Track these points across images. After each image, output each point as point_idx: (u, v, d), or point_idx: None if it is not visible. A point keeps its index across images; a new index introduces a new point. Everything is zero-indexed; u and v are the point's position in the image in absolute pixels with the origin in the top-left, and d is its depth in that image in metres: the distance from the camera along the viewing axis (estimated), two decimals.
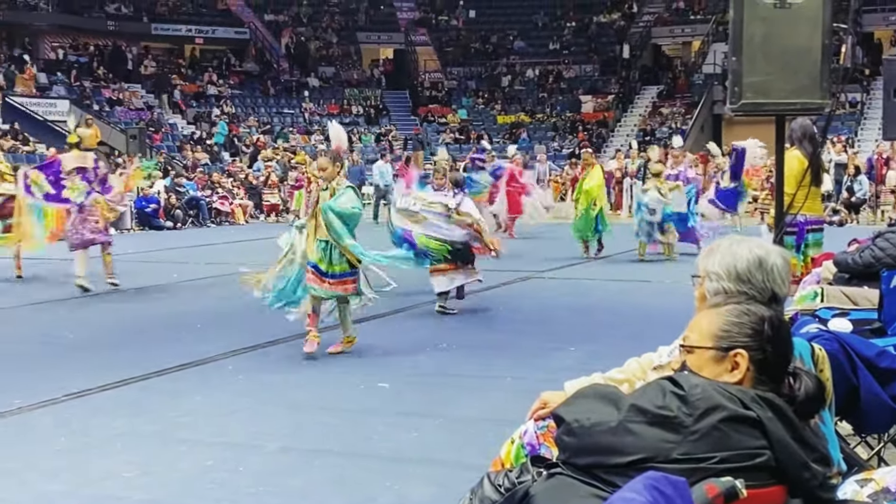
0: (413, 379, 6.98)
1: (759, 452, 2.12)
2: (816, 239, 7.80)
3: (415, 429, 5.70)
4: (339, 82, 38.84)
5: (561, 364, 7.21)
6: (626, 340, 7.70)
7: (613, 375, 3.11)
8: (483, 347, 8.14)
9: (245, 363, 7.58)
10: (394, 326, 9.28)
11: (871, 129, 29.87)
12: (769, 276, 2.68)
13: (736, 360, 2.32)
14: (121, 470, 4.96)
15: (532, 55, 39.70)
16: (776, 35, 4.38)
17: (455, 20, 42.45)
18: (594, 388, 2.45)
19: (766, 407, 2.18)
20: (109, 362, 7.51)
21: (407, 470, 4.98)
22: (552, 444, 2.81)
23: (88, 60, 34.59)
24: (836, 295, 5.74)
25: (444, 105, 38.21)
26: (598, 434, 2.21)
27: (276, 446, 5.37)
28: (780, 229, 4.97)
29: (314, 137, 33.82)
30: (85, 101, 31.46)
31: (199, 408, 6.24)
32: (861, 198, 22.39)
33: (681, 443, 2.11)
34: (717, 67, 34.28)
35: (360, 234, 7.97)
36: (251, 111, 35.80)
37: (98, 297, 11.39)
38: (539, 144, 33.26)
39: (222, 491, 4.66)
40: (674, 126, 33.64)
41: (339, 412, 6.11)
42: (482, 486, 2.57)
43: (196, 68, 37.29)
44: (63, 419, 5.99)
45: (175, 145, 30.92)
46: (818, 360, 2.86)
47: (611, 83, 37.35)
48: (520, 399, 5.57)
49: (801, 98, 4.44)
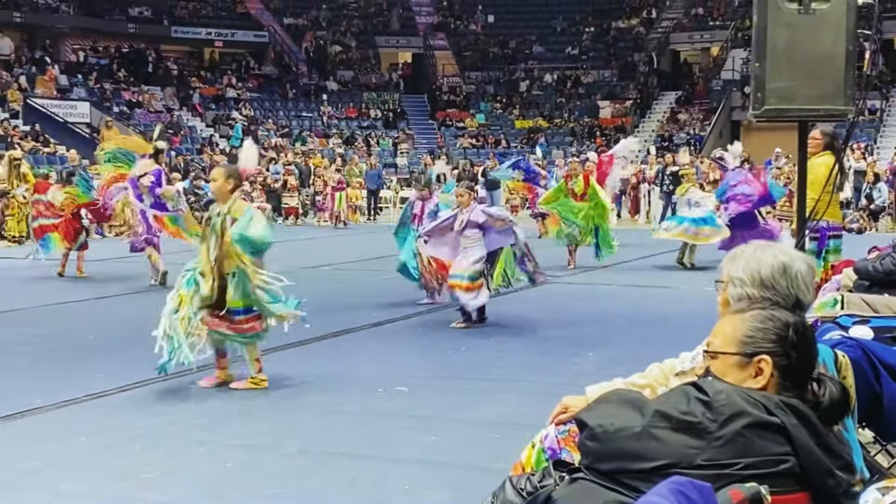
0: (431, 383, 6.98)
1: (783, 459, 2.12)
2: (836, 245, 7.78)
3: (432, 432, 5.70)
4: (358, 86, 38.92)
5: (579, 369, 7.20)
6: (644, 346, 7.69)
7: (635, 381, 3.10)
8: (501, 352, 8.13)
9: (264, 365, 7.59)
10: (413, 331, 9.28)
11: (890, 136, 29.71)
12: (793, 282, 2.67)
13: (760, 365, 2.31)
14: (139, 470, 4.98)
15: (550, 60, 39.67)
16: (800, 41, 4.36)
17: (474, 24, 42.48)
18: (617, 392, 2.45)
19: (791, 413, 2.17)
20: (129, 363, 7.53)
21: (424, 473, 4.98)
22: (573, 449, 2.80)
23: (109, 63, 34.81)
24: (857, 302, 5.71)
25: (462, 109, 38.23)
26: (622, 439, 2.21)
27: (294, 448, 5.38)
28: (803, 235, 4.95)
29: (332, 141, 33.91)
30: (105, 103, 31.67)
31: (217, 409, 6.26)
32: (880, 205, 22.25)
33: (705, 448, 2.11)
34: (736, 73, 34.20)
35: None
36: (270, 114, 35.91)
37: (119, 299, 11.46)
38: (557, 150, 33.24)
39: (240, 493, 4.68)
40: (692, 132, 33.54)
41: (357, 415, 6.12)
42: (504, 489, 2.56)
43: (215, 71, 37.46)
44: (83, 419, 6.03)
45: (195, 147, 31.06)
46: (841, 366, 2.85)
47: (629, 89, 37.28)
48: (538, 403, 5.59)
49: (825, 104, 4.42)
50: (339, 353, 8.10)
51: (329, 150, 31.70)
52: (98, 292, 11.55)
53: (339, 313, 9.99)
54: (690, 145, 31.99)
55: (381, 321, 9.54)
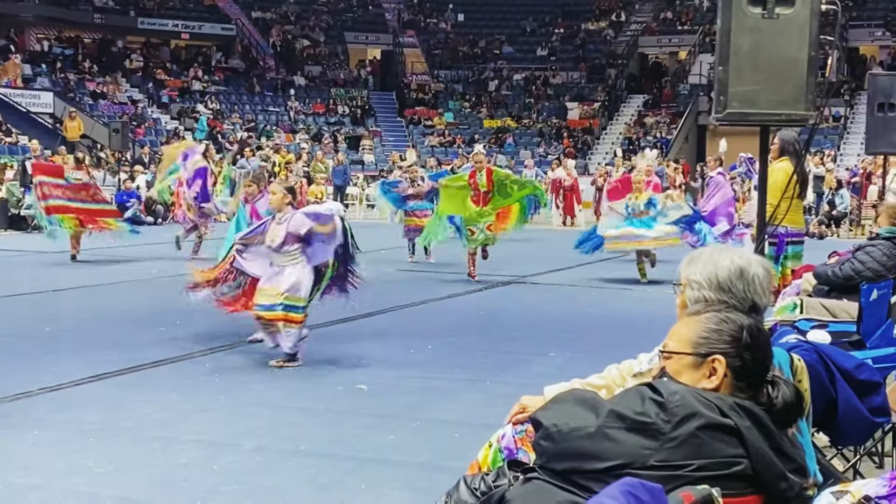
0: (391, 381, 6.95)
1: (736, 461, 2.12)
2: (796, 251, 7.84)
3: (392, 431, 5.67)
4: (326, 82, 38.74)
5: (540, 369, 7.21)
6: (606, 347, 7.71)
7: (593, 381, 3.10)
8: (463, 351, 8.12)
9: (222, 361, 7.54)
10: (373, 328, 9.24)
11: (853, 143, 30.06)
12: (750, 286, 2.68)
13: (714, 365, 2.32)
14: (93, 466, 4.91)
15: (520, 60, 39.75)
16: (763, 45, 4.38)
17: (444, 23, 42.46)
18: (573, 392, 2.44)
19: (745, 415, 2.17)
20: (85, 357, 7.44)
21: (383, 472, 4.96)
22: (530, 449, 2.79)
23: (74, 53, 34.39)
24: (816, 307, 5.77)
25: (430, 108, 38.18)
26: (576, 439, 2.20)
27: (252, 445, 5.33)
28: (762, 239, 4.98)
29: (299, 136, 33.72)
30: (69, 93, 31.27)
31: (174, 405, 6.19)
32: (842, 211, 22.53)
33: (658, 449, 2.10)
34: (703, 78, 34.43)
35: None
36: (236, 108, 35.66)
37: (74, 292, 11.31)
38: (524, 150, 33.32)
39: (196, 489, 4.62)
40: (659, 135, 33.76)
41: (317, 413, 6.08)
42: (458, 489, 2.55)
43: (181, 63, 37.12)
44: (36, 413, 5.93)
45: (158, 140, 30.76)
46: (797, 370, 2.86)
47: (597, 91, 37.45)
48: (498, 403, 5.58)
49: (787, 109, 4.45)
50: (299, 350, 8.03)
51: (295, 146, 31.50)
52: (49, 285, 11.39)
53: None
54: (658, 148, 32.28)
55: (344, 318, 9.49)
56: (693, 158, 31.21)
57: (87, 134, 28.89)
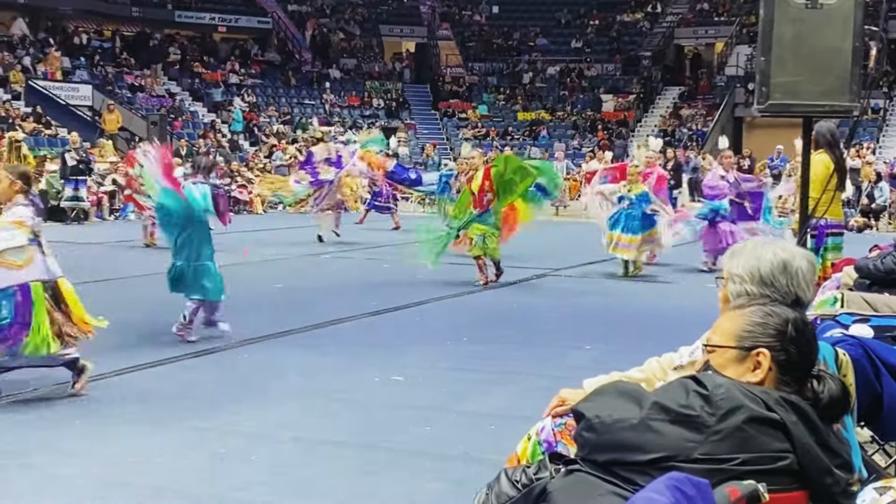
0: (427, 373, 6.96)
1: (782, 456, 2.09)
2: (836, 243, 7.74)
3: (427, 423, 5.68)
4: (361, 74, 38.81)
5: (576, 362, 7.19)
6: (641, 340, 7.66)
7: (632, 374, 3.08)
8: (498, 343, 8.11)
9: (259, 352, 7.59)
10: (408, 320, 9.26)
11: (893, 135, 29.66)
12: (793, 279, 2.64)
13: (758, 359, 2.29)
14: (132, 455, 4.96)
15: (554, 52, 39.56)
16: (806, 36, 4.32)
17: (478, 15, 42.35)
18: (616, 385, 2.42)
19: (791, 410, 2.15)
20: (124, 347, 7.52)
21: (419, 464, 4.96)
22: (569, 442, 2.78)
23: (112, 46, 34.70)
24: (857, 300, 5.68)
25: (464, 100, 38.12)
26: (619, 431, 2.19)
27: (289, 436, 5.36)
28: (804, 232, 4.92)
29: (334, 129, 33.81)
30: (107, 86, 31.56)
31: (212, 396, 6.24)
32: (882, 204, 22.22)
33: (703, 443, 2.08)
34: (740, 70, 34.10)
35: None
36: (272, 101, 35.82)
37: (113, 282, 11.43)
38: (559, 142, 33.18)
39: (233, 480, 4.66)
40: (694, 128, 33.49)
41: (353, 404, 6.10)
42: (499, 481, 2.54)
43: (218, 56, 37.35)
44: (77, 403, 6.00)
45: (196, 133, 30.98)
46: (842, 364, 2.82)
47: (632, 83, 37.20)
48: (534, 396, 5.57)
49: (830, 100, 4.38)
50: (336, 341, 8.07)
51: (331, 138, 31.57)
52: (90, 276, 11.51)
53: (337, 301, 9.99)
54: (693, 141, 32.00)
55: (380, 310, 9.52)
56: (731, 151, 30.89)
57: (126, 126, 29.15)
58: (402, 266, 12.79)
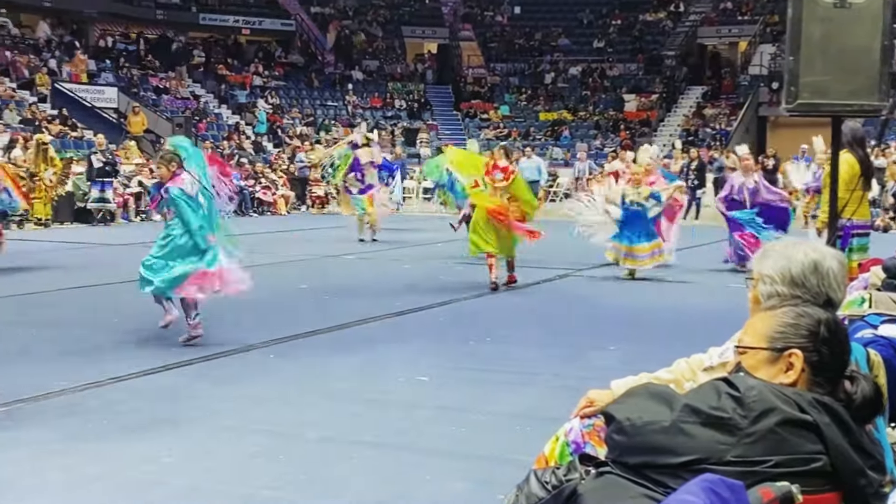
0: (452, 374, 6.98)
1: (815, 457, 2.09)
2: (861, 244, 7.68)
3: (453, 423, 5.69)
4: (383, 76, 38.90)
5: (602, 363, 7.18)
6: (666, 340, 7.65)
7: (661, 375, 3.07)
8: (522, 344, 8.11)
9: (286, 352, 7.63)
10: (432, 321, 9.28)
11: None
12: (824, 280, 2.63)
13: (790, 360, 2.29)
14: (162, 455, 5.00)
15: (576, 52, 39.47)
16: (835, 35, 4.30)
17: (500, 16, 42.33)
18: (646, 386, 2.42)
19: (824, 411, 2.14)
20: (153, 347, 7.59)
21: (446, 464, 4.98)
22: (597, 443, 2.78)
23: (136, 49, 34.96)
24: (885, 301, 5.63)
25: (486, 101, 38.12)
26: (650, 433, 2.19)
27: (317, 436, 5.39)
28: (834, 232, 4.90)
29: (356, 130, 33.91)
30: (132, 88, 31.80)
31: (240, 395, 6.28)
32: None
33: (735, 445, 2.08)
34: (764, 69, 33.89)
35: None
36: (295, 103, 35.97)
37: None
38: (581, 142, 33.10)
39: (263, 478, 4.69)
40: (718, 127, 33.32)
41: (379, 404, 6.12)
42: (528, 482, 2.54)
43: (242, 59, 37.55)
44: (106, 403, 6.06)
45: (220, 135, 31.16)
46: (873, 365, 2.81)
47: (655, 82, 37.06)
48: (561, 396, 5.58)
49: (859, 100, 4.36)
50: (361, 341, 8.10)
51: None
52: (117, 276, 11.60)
53: (362, 302, 10.03)
54: (716, 140, 31.83)
55: (404, 310, 9.55)
56: (754, 150, 30.70)
57: (151, 129, 29.38)
58: (425, 267, 12.83)
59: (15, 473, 4.72)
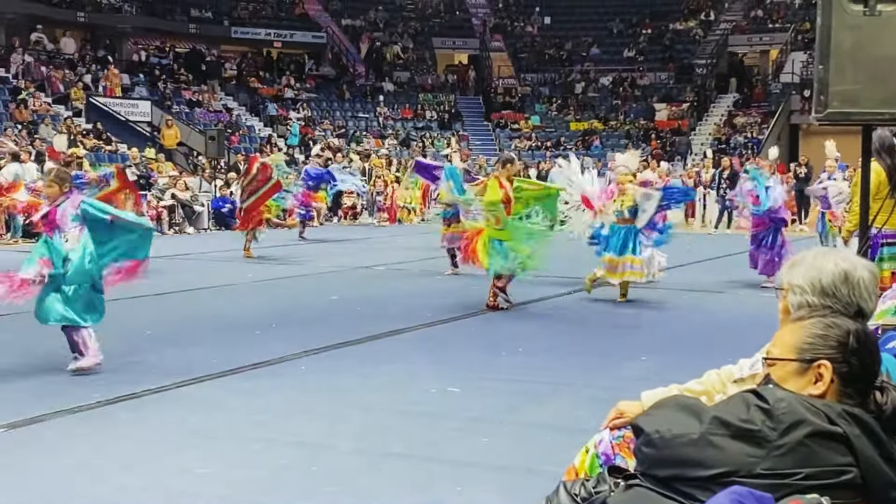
0: (482, 384, 6.98)
1: (845, 470, 2.08)
2: (892, 253, 7.57)
3: (484, 434, 5.69)
4: (414, 87, 39.05)
5: (632, 373, 7.15)
6: (698, 351, 7.62)
7: (692, 387, 3.06)
8: (552, 354, 8.10)
9: (318, 364, 7.67)
10: (462, 331, 9.29)
11: None
12: (855, 289, 2.62)
13: (820, 371, 2.28)
14: (196, 466, 5.04)
15: (607, 62, 39.42)
16: (865, 43, 4.27)
17: (530, 26, 42.37)
18: (675, 398, 2.42)
19: (854, 423, 2.13)
20: (185, 360, 7.66)
21: (476, 475, 4.98)
22: (627, 455, 2.78)
23: (169, 62, 35.36)
24: None
25: (517, 111, 38.15)
26: (679, 446, 2.19)
27: (349, 447, 5.41)
28: (865, 242, 4.85)
29: (388, 142, 34.05)
30: (166, 102, 32.14)
31: (273, 407, 6.31)
32: None
33: (765, 457, 2.08)
34: (795, 77, 33.65)
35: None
36: (326, 114, 36.19)
37: (174, 295, 11.62)
38: (612, 152, 33.00)
39: (295, 489, 4.72)
40: (750, 136, 33.11)
41: (410, 415, 6.14)
42: (558, 494, 2.55)
43: (274, 71, 37.86)
44: (140, 415, 6.12)
45: (252, 147, 31.41)
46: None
47: (686, 91, 36.91)
48: (591, 407, 5.57)
49: (891, 108, 4.32)
50: (391, 352, 8.13)
51: (385, 151, 31.88)
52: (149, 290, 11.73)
53: (392, 313, 10.06)
54: (748, 149, 31.62)
55: (434, 321, 9.57)
56: (786, 158, 30.51)
57: (184, 142, 29.68)
58: (455, 278, 12.84)
59: (47, 487, 4.77)
